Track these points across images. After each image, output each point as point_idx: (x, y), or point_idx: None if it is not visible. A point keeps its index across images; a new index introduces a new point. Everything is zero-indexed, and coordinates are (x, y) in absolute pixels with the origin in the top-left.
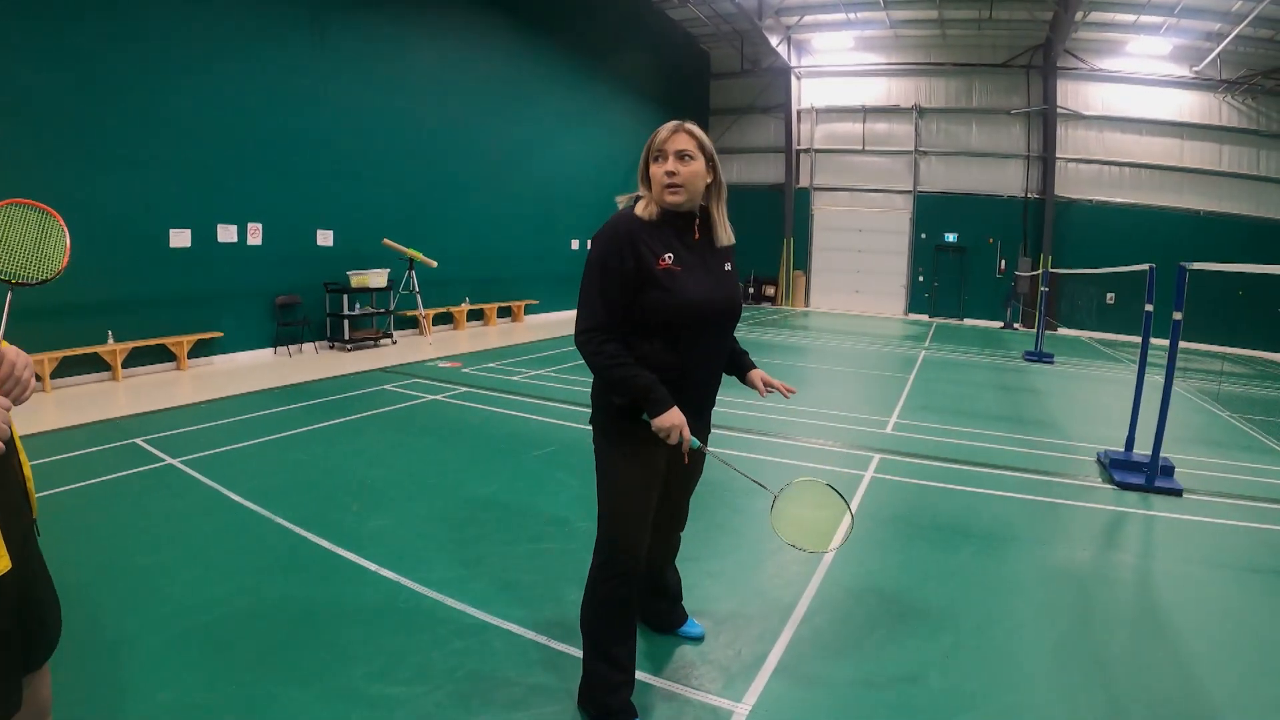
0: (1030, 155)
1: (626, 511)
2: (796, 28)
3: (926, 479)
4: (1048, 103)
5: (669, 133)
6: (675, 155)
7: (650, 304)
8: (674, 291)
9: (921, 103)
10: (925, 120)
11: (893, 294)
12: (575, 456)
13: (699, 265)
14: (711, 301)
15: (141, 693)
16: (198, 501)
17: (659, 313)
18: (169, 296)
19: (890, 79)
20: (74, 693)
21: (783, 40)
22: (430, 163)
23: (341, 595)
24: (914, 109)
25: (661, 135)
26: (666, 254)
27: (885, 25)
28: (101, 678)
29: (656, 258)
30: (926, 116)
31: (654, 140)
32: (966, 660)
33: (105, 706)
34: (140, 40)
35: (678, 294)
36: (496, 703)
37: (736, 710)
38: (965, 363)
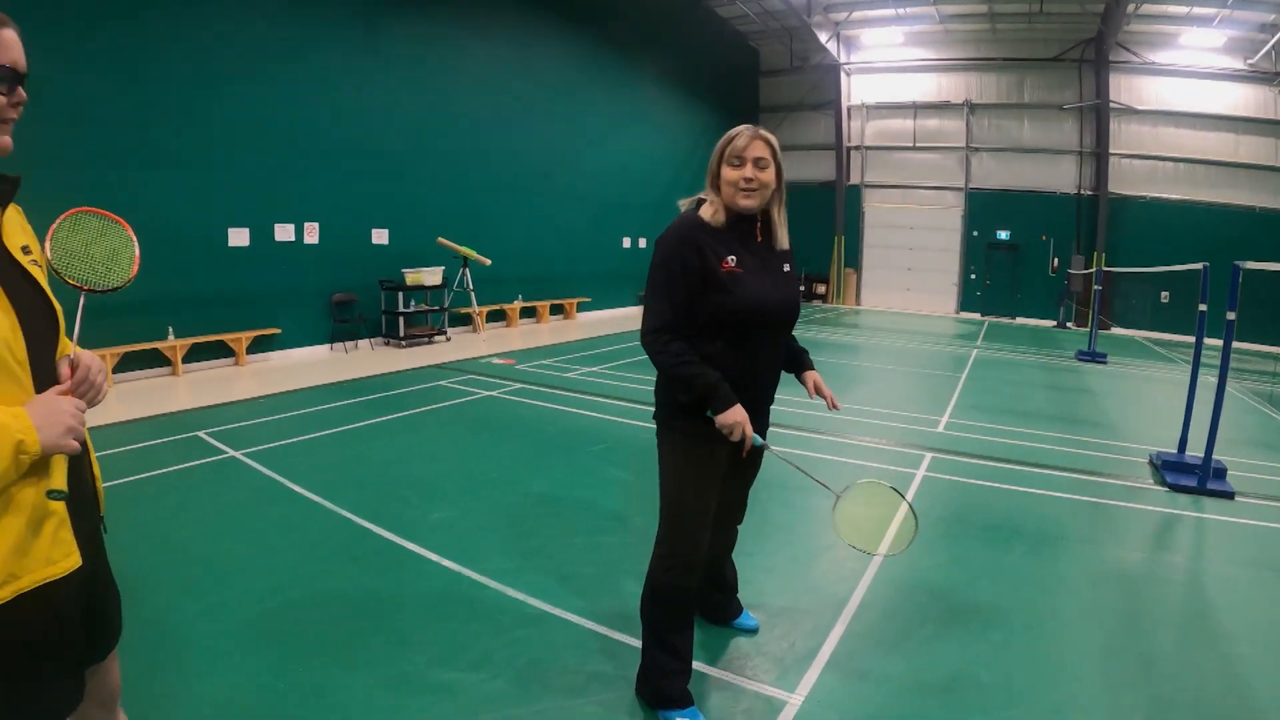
0: (1083, 151)
1: (688, 505)
2: (845, 24)
3: (978, 478)
4: (1100, 97)
5: (748, 139)
6: (753, 161)
7: (714, 305)
8: (737, 293)
9: (972, 98)
10: (976, 116)
11: (944, 292)
12: (631, 452)
13: (760, 267)
14: (772, 302)
15: (207, 678)
16: (260, 492)
17: (722, 313)
18: (228, 294)
19: (940, 74)
20: (140, 678)
21: (832, 37)
22: (483, 162)
23: (403, 584)
24: (965, 105)
25: (740, 141)
26: (730, 256)
27: (934, 20)
28: (167, 664)
29: (720, 260)
30: (978, 112)
31: (731, 145)
32: (1016, 657)
33: (171, 692)
34: (198, 46)
35: (740, 295)
36: (556, 689)
37: (790, 700)
38: (1017, 362)
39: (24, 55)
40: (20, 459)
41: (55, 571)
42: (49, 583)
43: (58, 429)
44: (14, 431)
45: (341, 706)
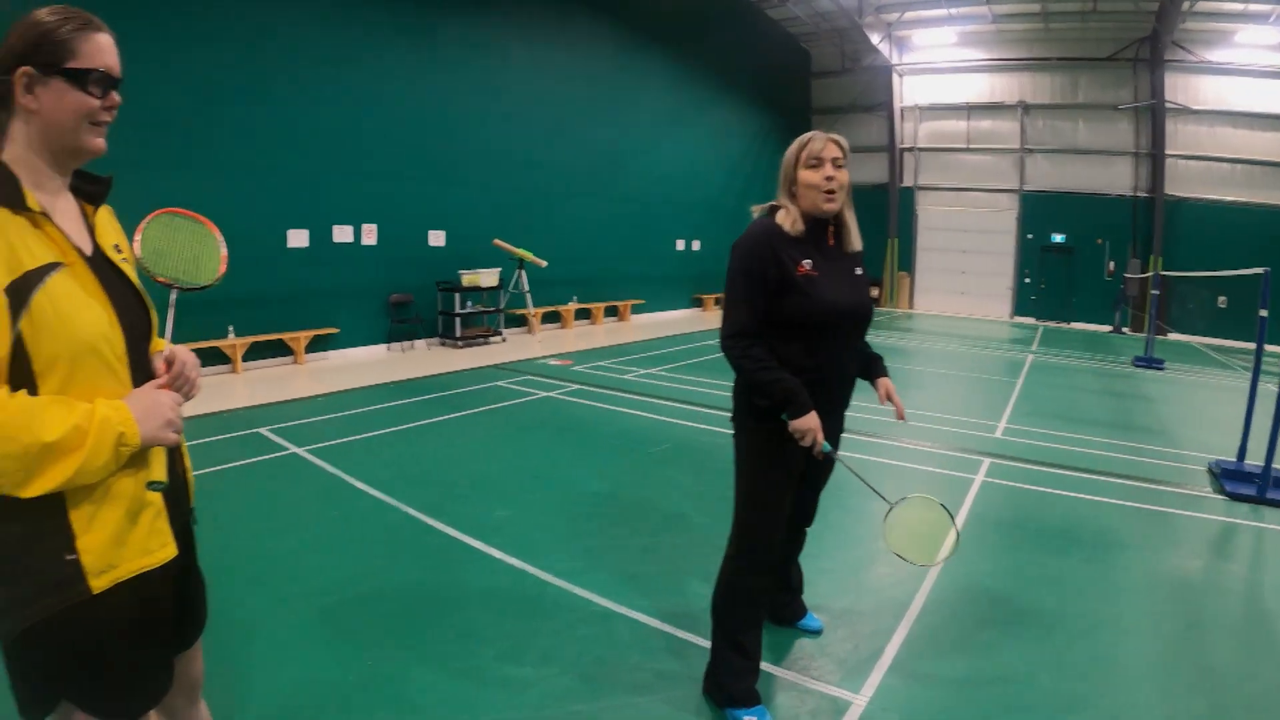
0: (1139, 152)
1: (763, 505)
2: (897, 24)
3: (1036, 484)
4: (1155, 97)
5: (824, 141)
6: (831, 162)
7: (790, 308)
8: (812, 295)
9: (1026, 99)
10: (1030, 117)
11: (998, 296)
12: (690, 454)
13: (834, 270)
14: (846, 305)
15: (275, 670)
16: (323, 488)
17: (798, 316)
18: (287, 294)
19: (993, 75)
20: (214, 668)
21: (884, 38)
22: (537, 164)
23: (466, 580)
24: (1018, 105)
25: (817, 144)
26: (805, 260)
27: (987, 20)
28: (238, 655)
29: (795, 264)
30: (1031, 113)
31: (807, 148)
32: (1075, 662)
33: (242, 683)
34: (258, 51)
35: (816, 298)
36: (623, 686)
37: (855, 701)
38: (1073, 367)
39: (118, 60)
40: (121, 451)
41: (151, 561)
42: (145, 572)
43: (157, 422)
44: (115, 424)
45: (411, 698)
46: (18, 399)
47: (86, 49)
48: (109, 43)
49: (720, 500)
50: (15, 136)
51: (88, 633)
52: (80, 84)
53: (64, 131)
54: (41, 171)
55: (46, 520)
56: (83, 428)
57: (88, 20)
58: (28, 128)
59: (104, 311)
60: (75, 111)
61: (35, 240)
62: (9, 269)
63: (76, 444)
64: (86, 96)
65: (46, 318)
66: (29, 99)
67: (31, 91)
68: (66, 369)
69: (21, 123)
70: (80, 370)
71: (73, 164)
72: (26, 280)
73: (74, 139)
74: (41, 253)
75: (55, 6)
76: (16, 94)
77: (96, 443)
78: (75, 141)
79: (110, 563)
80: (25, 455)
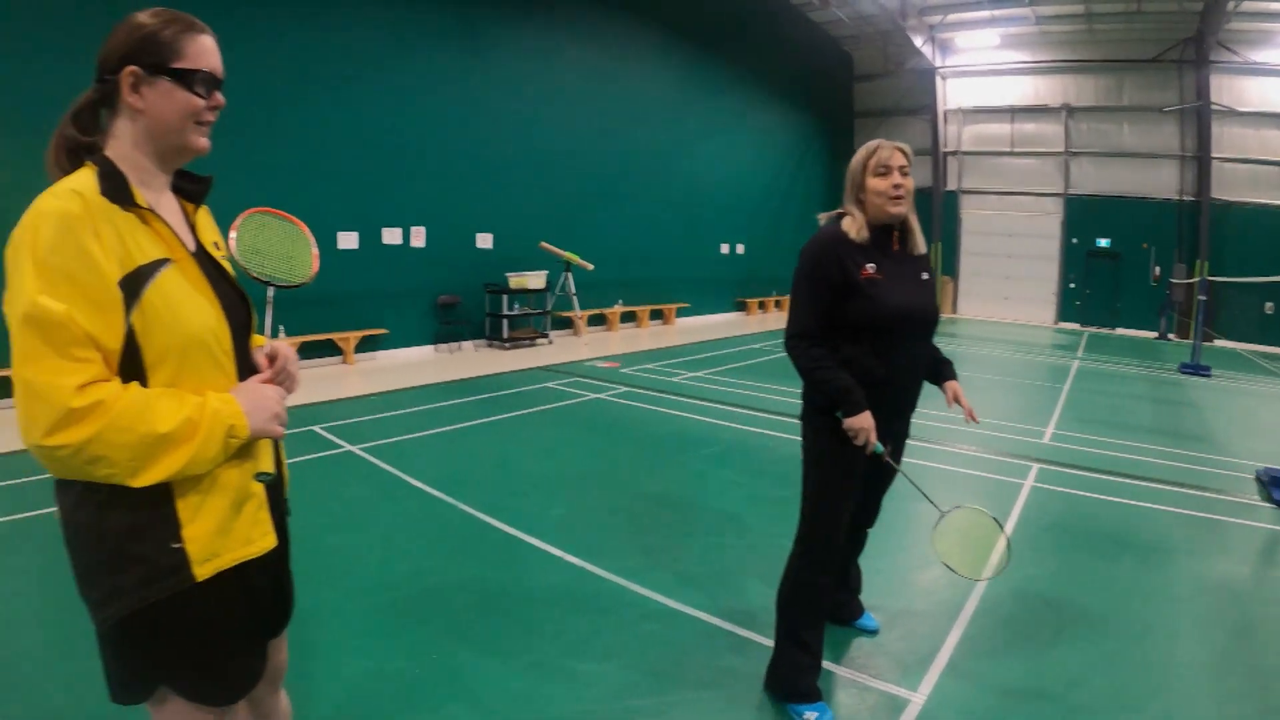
0: (1184, 155)
1: (830, 504)
2: (940, 27)
3: (1085, 490)
4: (1201, 99)
5: (891, 150)
6: (899, 170)
7: (855, 312)
8: (876, 299)
9: (1070, 101)
10: (1075, 120)
11: (1043, 301)
12: (742, 456)
13: (898, 274)
14: (910, 308)
15: (345, 661)
16: (379, 486)
17: (863, 319)
18: (336, 295)
19: (1037, 77)
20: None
21: (926, 40)
22: (583, 168)
23: (527, 577)
24: (1063, 108)
25: (885, 152)
26: (869, 264)
27: (1031, 22)
28: (308, 646)
29: (859, 268)
30: (1076, 116)
31: (875, 156)
32: (1127, 665)
33: (314, 674)
34: (309, 57)
35: (880, 301)
36: (688, 682)
37: (913, 700)
38: (1119, 374)
39: (221, 61)
40: (229, 443)
41: (253, 551)
42: (245, 561)
43: (265, 415)
44: (226, 417)
45: (478, 691)
46: (132, 391)
47: (192, 50)
48: (212, 44)
49: (774, 502)
50: (120, 135)
51: (190, 620)
52: (187, 84)
53: (170, 130)
54: (147, 169)
55: (154, 509)
56: (195, 420)
57: (192, 22)
58: (133, 126)
59: (211, 307)
60: (182, 111)
61: (145, 236)
62: (121, 264)
63: (189, 435)
64: (193, 96)
65: (158, 312)
66: (135, 98)
67: (138, 91)
68: (176, 362)
69: (127, 121)
70: (189, 363)
71: (177, 162)
72: (138, 275)
73: (180, 138)
74: (151, 249)
75: (156, 9)
76: (123, 93)
77: (208, 435)
78: (181, 140)
79: (214, 551)
80: (140, 445)
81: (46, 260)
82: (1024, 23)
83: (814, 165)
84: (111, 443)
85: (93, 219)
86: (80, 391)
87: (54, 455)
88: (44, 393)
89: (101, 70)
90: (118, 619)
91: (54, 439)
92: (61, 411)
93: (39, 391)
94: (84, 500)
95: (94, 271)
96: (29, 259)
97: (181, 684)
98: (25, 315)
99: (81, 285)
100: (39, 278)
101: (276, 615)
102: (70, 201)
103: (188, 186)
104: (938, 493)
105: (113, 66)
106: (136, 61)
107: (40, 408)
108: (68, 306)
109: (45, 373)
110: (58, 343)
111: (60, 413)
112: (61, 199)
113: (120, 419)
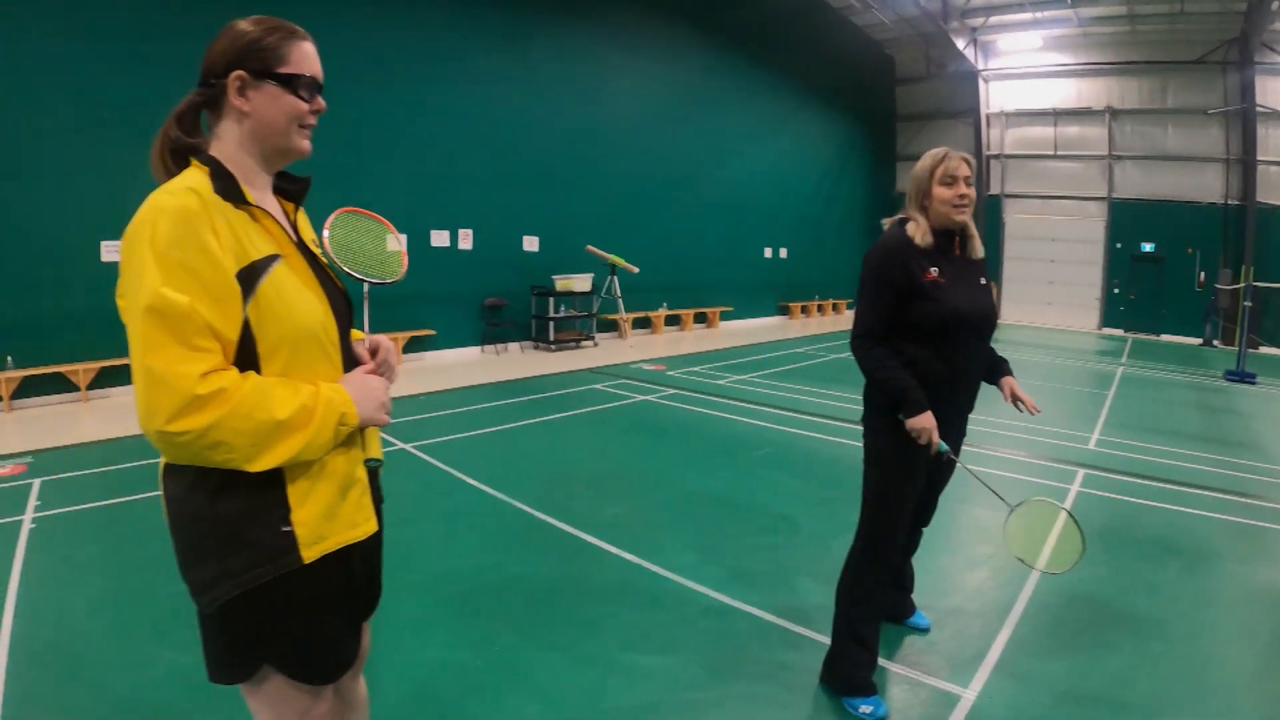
0: (1229, 158)
1: (890, 502)
2: (982, 29)
3: (1131, 495)
4: (1245, 101)
5: (958, 160)
6: (964, 180)
7: (919, 314)
8: (940, 301)
9: (1114, 104)
10: (1118, 122)
11: (1086, 306)
12: (792, 458)
13: (959, 278)
14: (970, 310)
15: (410, 652)
16: (435, 483)
17: (927, 321)
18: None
19: (1080, 80)
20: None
21: (968, 43)
22: (628, 172)
23: (585, 573)
24: (1106, 110)
25: (953, 163)
26: (932, 268)
27: (1073, 23)
28: (374, 638)
29: (924, 271)
30: (1119, 118)
31: (943, 166)
32: (1173, 668)
33: (381, 664)
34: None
35: (944, 303)
36: (745, 675)
37: (965, 696)
38: (1164, 380)
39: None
40: (340, 430)
41: (356, 534)
42: (348, 545)
43: (373, 404)
44: (338, 405)
45: (540, 683)
46: (252, 379)
47: (295, 56)
48: (313, 50)
49: (825, 503)
50: (225, 137)
51: (296, 600)
52: (291, 88)
53: (275, 132)
54: (251, 170)
55: (266, 494)
56: (309, 407)
57: (293, 29)
58: (239, 128)
59: (319, 301)
60: (287, 114)
61: (256, 232)
62: (237, 258)
63: (304, 422)
64: (297, 100)
65: (271, 304)
66: (241, 101)
67: (244, 95)
68: (289, 353)
69: (232, 124)
70: (301, 354)
71: (280, 164)
72: (253, 269)
73: (284, 140)
74: (263, 244)
75: (257, 17)
76: (229, 96)
77: (321, 422)
78: (285, 142)
79: (321, 534)
80: (258, 432)
81: (167, 254)
82: (1067, 24)
83: (856, 169)
84: (232, 429)
85: (210, 215)
86: (203, 379)
87: (175, 441)
88: (168, 380)
89: (206, 75)
90: (224, 601)
91: (176, 425)
92: (185, 398)
93: (163, 379)
94: (197, 486)
95: (213, 265)
96: (149, 253)
97: (284, 663)
98: (149, 306)
99: (202, 278)
100: (161, 270)
101: (370, 598)
102: (188, 199)
103: (287, 187)
104: (982, 495)
105: (219, 71)
106: (242, 66)
107: (163, 395)
108: (190, 298)
109: (169, 361)
110: (181, 332)
111: (184, 399)
112: (179, 196)
113: (241, 406)
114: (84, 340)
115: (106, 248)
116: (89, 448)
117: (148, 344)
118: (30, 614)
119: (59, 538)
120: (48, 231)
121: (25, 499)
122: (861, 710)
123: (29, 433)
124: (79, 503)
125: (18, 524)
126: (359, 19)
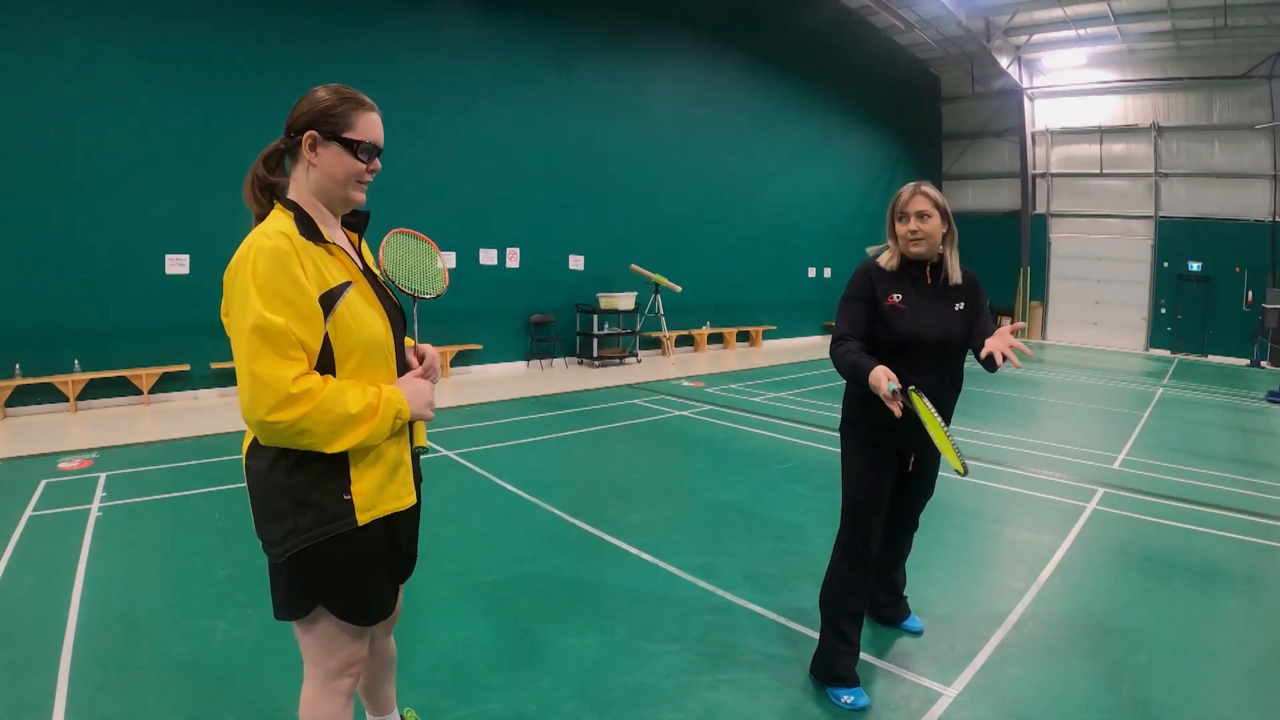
0: (1277, 175)
1: (861, 498)
2: (1026, 47)
3: (1148, 514)
4: None
5: (909, 195)
6: (915, 215)
7: (881, 335)
8: (893, 325)
9: (1160, 121)
10: (1164, 139)
11: (1133, 326)
12: (815, 473)
13: (925, 305)
14: (931, 336)
15: (439, 631)
16: (473, 487)
17: (889, 343)
18: (434, 311)
19: (1126, 96)
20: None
21: (1013, 61)
22: (672, 192)
23: (605, 571)
24: (1152, 127)
25: (903, 198)
26: (895, 294)
27: (1117, 40)
28: (408, 617)
29: (886, 296)
30: (1165, 135)
31: (897, 202)
32: (1160, 677)
33: (414, 639)
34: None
35: (896, 327)
36: (740, 664)
37: (945, 693)
38: (1203, 401)
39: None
40: (395, 422)
41: (400, 505)
42: (394, 513)
43: (421, 402)
44: (395, 402)
45: (554, 660)
46: (331, 381)
47: (361, 123)
48: (377, 120)
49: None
50: (299, 180)
51: (350, 554)
52: (353, 150)
53: (335, 184)
54: (322, 212)
55: (334, 469)
56: (374, 404)
57: (362, 100)
58: (308, 176)
59: (380, 318)
60: (347, 171)
61: (332, 265)
62: (319, 286)
63: (370, 416)
64: (355, 161)
65: (346, 322)
66: (312, 155)
67: (315, 150)
68: (359, 360)
69: (304, 172)
70: (367, 361)
71: (342, 209)
72: (331, 295)
73: (343, 190)
74: (339, 274)
75: (335, 86)
76: (303, 149)
77: (383, 416)
78: (344, 193)
79: (373, 503)
80: (335, 422)
81: (266, 285)
82: (1111, 41)
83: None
84: (316, 420)
85: (297, 254)
86: (295, 381)
87: (273, 429)
88: (269, 382)
89: (289, 129)
90: (294, 552)
91: (275, 416)
92: (283, 396)
93: (265, 381)
94: (278, 462)
95: (301, 293)
96: (251, 284)
97: (336, 605)
98: (254, 325)
99: (293, 303)
100: (261, 297)
101: (408, 559)
102: (280, 241)
103: (351, 219)
104: (998, 511)
105: (299, 128)
106: (316, 127)
107: (265, 393)
108: (285, 319)
109: (270, 367)
110: (279, 345)
111: (281, 396)
112: (272, 239)
113: (324, 402)
114: (147, 347)
115: (171, 261)
116: (151, 446)
117: (253, 353)
118: (98, 589)
119: (123, 525)
120: (115, 245)
121: (93, 490)
122: (844, 700)
123: (95, 431)
124: (141, 495)
125: (86, 512)
126: (421, 49)
